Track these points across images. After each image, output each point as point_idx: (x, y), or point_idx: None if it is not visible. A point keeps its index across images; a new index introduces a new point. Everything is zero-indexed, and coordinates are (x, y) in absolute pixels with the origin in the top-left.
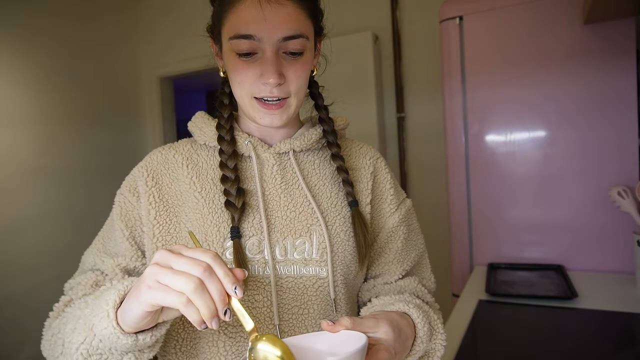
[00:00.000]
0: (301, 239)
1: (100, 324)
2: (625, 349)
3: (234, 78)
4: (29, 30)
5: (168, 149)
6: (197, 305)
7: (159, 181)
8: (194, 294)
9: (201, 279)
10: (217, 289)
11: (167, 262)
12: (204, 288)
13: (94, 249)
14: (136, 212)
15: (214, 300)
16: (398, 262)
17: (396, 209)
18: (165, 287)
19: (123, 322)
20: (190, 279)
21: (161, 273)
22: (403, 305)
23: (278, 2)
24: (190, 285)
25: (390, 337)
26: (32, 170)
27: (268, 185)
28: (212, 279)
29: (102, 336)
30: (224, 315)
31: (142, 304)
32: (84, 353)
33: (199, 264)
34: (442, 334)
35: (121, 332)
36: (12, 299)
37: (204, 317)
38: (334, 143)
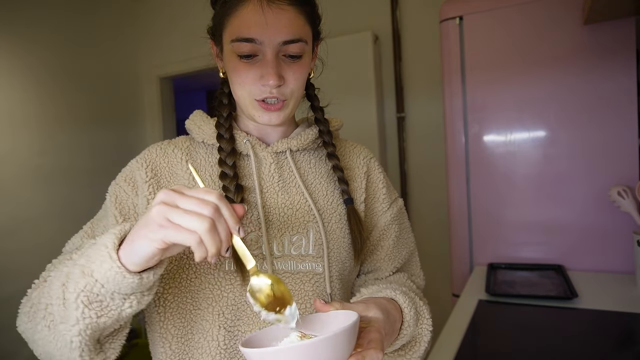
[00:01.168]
0: (298, 236)
1: (102, 267)
2: (625, 349)
3: (235, 79)
4: (29, 30)
5: (167, 144)
6: (207, 244)
7: (158, 173)
8: (206, 233)
9: (212, 218)
10: (225, 228)
11: (174, 201)
12: (215, 228)
13: (81, 233)
14: (131, 201)
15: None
16: (389, 259)
17: (388, 207)
18: (178, 225)
19: (128, 262)
20: (204, 219)
21: (172, 212)
22: (390, 291)
23: (279, 7)
24: (205, 225)
25: (379, 318)
26: (32, 170)
27: (266, 183)
28: (221, 219)
29: (104, 279)
30: (225, 252)
31: (154, 241)
32: (85, 301)
33: (208, 204)
34: (428, 319)
35: (127, 272)
36: (12, 299)
37: (209, 254)
38: (330, 143)
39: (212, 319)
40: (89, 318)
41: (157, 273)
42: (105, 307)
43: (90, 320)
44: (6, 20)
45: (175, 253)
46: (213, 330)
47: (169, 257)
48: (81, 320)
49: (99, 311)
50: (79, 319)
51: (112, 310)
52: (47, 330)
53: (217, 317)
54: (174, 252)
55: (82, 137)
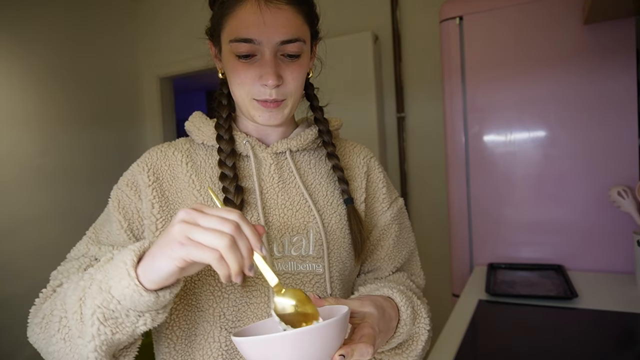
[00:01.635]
0: (298, 236)
1: (119, 284)
2: (625, 349)
3: (234, 79)
4: (29, 30)
5: (167, 147)
6: (229, 261)
7: (160, 177)
8: (227, 250)
9: (233, 235)
10: (246, 246)
11: (194, 220)
12: (236, 245)
13: (86, 239)
14: (134, 205)
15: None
16: (390, 259)
17: (388, 207)
18: (198, 243)
19: (146, 280)
20: (224, 235)
21: (192, 230)
22: (387, 290)
23: (277, 6)
24: (225, 242)
25: (374, 315)
26: (33, 170)
27: (266, 183)
28: (242, 236)
29: (121, 296)
30: (249, 271)
31: (174, 260)
32: (100, 317)
33: (229, 222)
34: (425, 318)
35: (144, 290)
36: (12, 298)
37: (233, 272)
38: (330, 142)
39: (214, 320)
40: (104, 335)
41: (173, 292)
42: (120, 324)
43: (105, 337)
44: (6, 20)
45: (193, 272)
46: (214, 332)
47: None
48: (97, 337)
49: (114, 328)
50: (94, 336)
51: (126, 327)
52: (63, 342)
53: (219, 319)
54: (193, 272)
55: (83, 137)
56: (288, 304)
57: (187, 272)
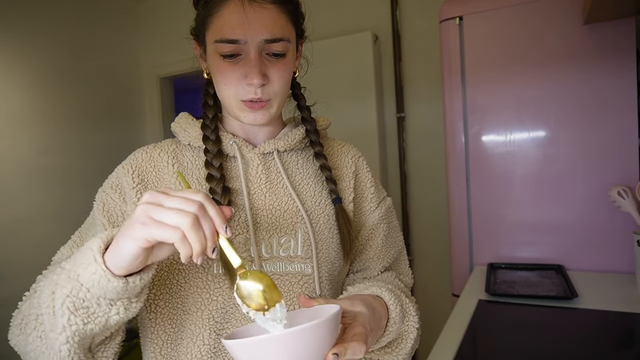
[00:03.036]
0: (286, 237)
1: (87, 270)
2: (625, 349)
3: (219, 79)
4: (29, 30)
5: (153, 148)
6: (191, 241)
7: (145, 179)
8: (190, 229)
9: (196, 214)
10: (210, 226)
11: (158, 201)
12: (199, 224)
13: (71, 242)
14: (119, 208)
15: (206, 237)
16: (378, 258)
17: (377, 206)
18: (160, 222)
19: (113, 265)
20: (187, 214)
21: (155, 210)
22: (376, 289)
23: (261, 5)
24: (188, 221)
25: (365, 314)
26: (32, 170)
27: (253, 184)
28: (206, 217)
29: (90, 283)
30: (212, 253)
31: (136, 240)
32: (70, 307)
33: (192, 202)
34: (413, 317)
35: (111, 275)
36: (12, 299)
37: (195, 252)
38: (317, 142)
39: (202, 323)
40: (75, 325)
41: (143, 278)
42: (92, 314)
43: (77, 327)
44: (7, 21)
45: (163, 257)
46: (204, 334)
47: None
48: (67, 327)
49: (85, 318)
50: (65, 326)
51: (98, 317)
52: (39, 340)
53: (207, 321)
54: (161, 256)
55: (82, 137)
56: (251, 287)
57: (156, 256)
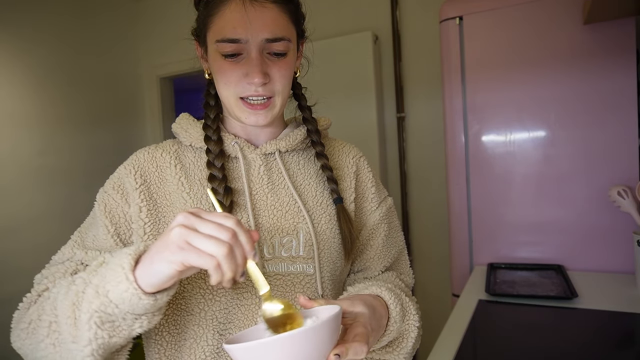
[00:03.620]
0: (288, 237)
1: (117, 288)
2: (625, 349)
3: (220, 79)
4: (29, 30)
5: (155, 149)
6: (224, 269)
7: (147, 179)
8: (225, 258)
9: (230, 244)
10: (241, 254)
11: (193, 225)
12: (233, 254)
13: (72, 242)
14: (120, 209)
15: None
16: (379, 258)
17: (377, 206)
18: (197, 249)
19: (145, 283)
20: (223, 244)
21: (191, 235)
22: (376, 288)
23: (262, 5)
24: (223, 251)
25: (365, 315)
26: (32, 170)
27: (255, 185)
28: (238, 245)
29: (120, 300)
30: (240, 277)
31: (173, 263)
32: (97, 321)
33: (227, 230)
34: (414, 316)
35: (143, 293)
36: (12, 299)
37: (226, 278)
38: (318, 142)
39: (206, 323)
40: (101, 339)
41: (170, 294)
42: (117, 327)
43: (102, 341)
44: (6, 21)
45: (189, 275)
46: (207, 335)
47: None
48: (94, 340)
49: (111, 331)
50: (91, 340)
51: (123, 331)
52: (53, 347)
53: (211, 322)
54: (189, 274)
55: (82, 137)
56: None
57: (185, 275)
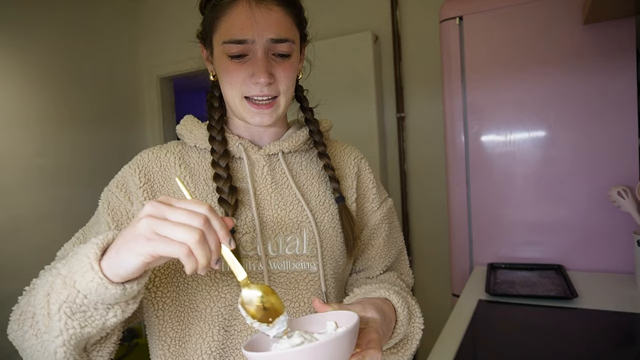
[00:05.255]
0: (292, 236)
1: (83, 278)
2: (625, 349)
3: (226, 79)
4: (29, 30)
5: (159, 149)
6: (197, 256)
7: (151, 178)
8: (196, 245)
9: (202, 229)
10: (215, 240)
11: (162, 213)
12: (205, 239)
13: (74, 239)
14: (123, 207)
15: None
16: (380, 257)
17: (378, 207)
18: (165, 238)
19: (112, 273)
20: (194, 230)
21: (160, 224)
22: (384, 291)
23: (267, 7)
24: (195, 237)
25: (377, 319)
26: (32, 170)
27: (259, 185)
28: (211, 230)
29: (87, 291)
30: (215, 265)
31: (140, 255)
32: (67, 311)
33: (198, 216)
34: (419, 318)
35: (109, 283)
36: (12, 298)
37: (200, 266)
38: (320, 142)
39: (211, 320)
40: (72, 329)
41: (140, 283)
42: (89, 318)
43: (74, 331)
44: (6, 20)
45: (161, 264)
46: (213, 331)
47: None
48: (64, 331)
49: (82, 321)
50: (62, 330)
51: (96, 320)
52: (35, 338)
53: (216, 318)
54: (160, 263)
55: (82, 137)
56: (255, 297)
57: (155, 264)
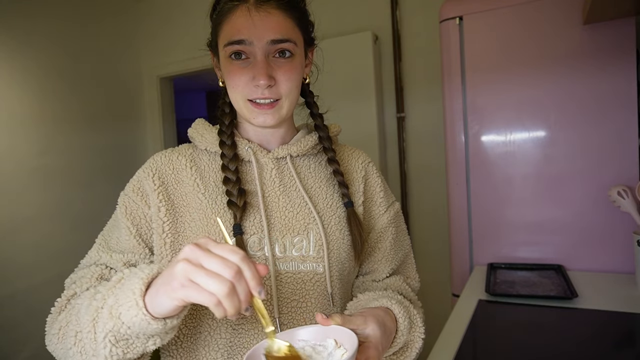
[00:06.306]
0: (299, 237)
1: (128, 312)
2: (625, 349)
3: (230, 82)
4: (29, 30)
5: (171, 152)
6: (225, 306)
7: (165, 181)
8: (225, 297)
9: (233, 282)
10: (245, 291)
11: (198, 259)
12: (235, 292)
13: (97, 246)
14: (141, 211)
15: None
16: (386, 261)
17: (385, 210)
18: (198, 286)
19: (153, 310)
20: (224, 282)
21: (194, 272)
22: (386, 301)
23: (266, 10)
24: (224, 289)
25: (377, 334)
26: (32, 170)
27: (267, 187)
28: (241, 282)
29: (131, 323)
30: (245, 312)
31: (174, 300)
32: (112, 340)
33: (230, 267)
34: (420, 327)
35: (152, 319)
36: (12, 298)
37: (229, 314)
38: (330, 148)
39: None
40: (116, 355)
41: (180, 317)
42: (131, 345)
43: (117, 357)
44: (7, 21)
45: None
46: (221, 328)
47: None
48: (109, 357)
49: (125, 348)
50: (107, 357)
51: (137, 348)
52: (80, 355)
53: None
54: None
55: (82, 137)
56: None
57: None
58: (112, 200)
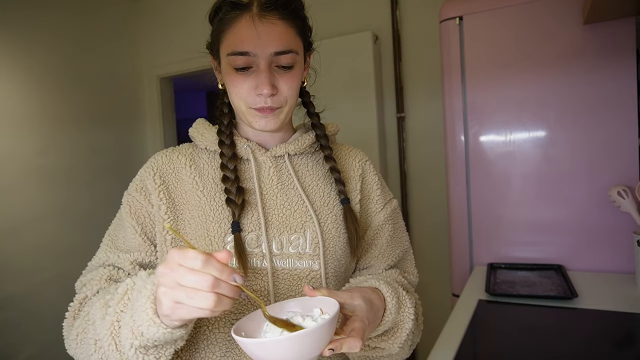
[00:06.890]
0: (296, 235)
1: (149, 330)
2: (625, 349)
3: (232, 90)
4: (29, 30)
5: (172, 151)
6: (219, 310)
7: (166, 180)
8: (215, 307)
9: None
10: (227, 288)
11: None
12: (220, 296)
13: (104, 247)
14: (145, 209)
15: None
16: (383, 257)
17: (382, 208)
18: (187, 306)
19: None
20: (206, 296)
21: (175, 295)
22: (374, 281)
23: (270, 21)
24: (210, 303)
25: (363, 308)
26: (32, 170)
27: (265, 185)
28: (222, 286)
29: (155, 337)
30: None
31: (173, 320)
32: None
33: (204, 277)
34: (409, 308)
35: (173, 329)
36: (12, 299)
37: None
38: (327, 146)
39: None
40: None
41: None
42: (161, 349)
43: None
44: (6, 20)
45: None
46: (219, 323)
47: None
48: None
49: (156, 354)
50: None
51: (168, 349)
52: None
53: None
54: None
55: (83, 137)
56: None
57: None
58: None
